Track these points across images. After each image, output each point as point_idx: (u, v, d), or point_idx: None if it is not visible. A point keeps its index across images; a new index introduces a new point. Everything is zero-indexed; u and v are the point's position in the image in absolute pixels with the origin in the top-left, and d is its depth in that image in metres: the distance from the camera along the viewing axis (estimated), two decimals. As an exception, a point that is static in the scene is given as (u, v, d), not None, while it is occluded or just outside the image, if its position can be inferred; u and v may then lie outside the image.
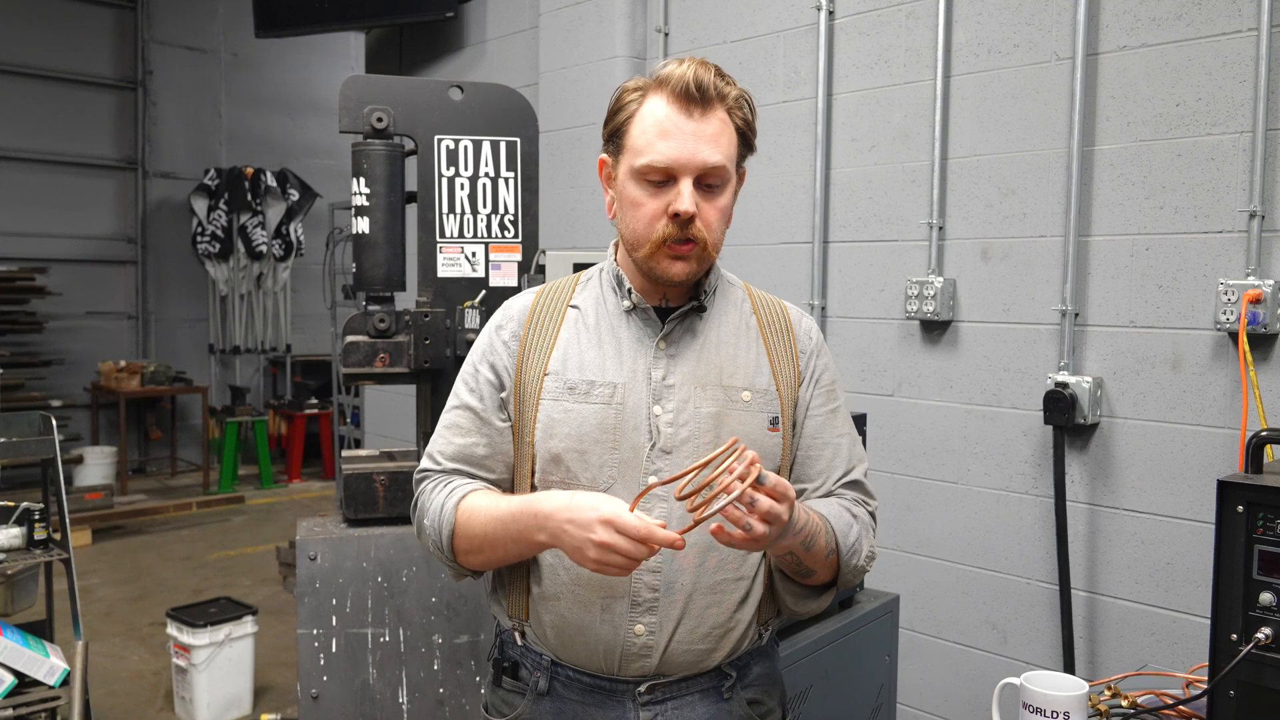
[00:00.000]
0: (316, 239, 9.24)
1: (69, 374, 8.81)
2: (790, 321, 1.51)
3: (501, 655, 1.50)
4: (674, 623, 1.37)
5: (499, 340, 1.47)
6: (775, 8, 3.63)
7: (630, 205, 1.37)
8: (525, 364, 1.43)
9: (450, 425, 1.48)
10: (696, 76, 1.31)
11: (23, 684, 2.98)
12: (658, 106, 1.34)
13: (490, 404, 1.45)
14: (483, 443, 1.45)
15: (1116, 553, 2.85)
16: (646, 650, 1.37)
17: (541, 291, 1.51)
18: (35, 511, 3.18)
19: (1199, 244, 2.68)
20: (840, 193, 3.47)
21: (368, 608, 2.58)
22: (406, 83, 2.98)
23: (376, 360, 2.67)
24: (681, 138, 1.31)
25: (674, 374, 1.40)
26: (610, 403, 1.38)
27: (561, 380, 1.40)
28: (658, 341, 1.41)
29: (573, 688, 1.42)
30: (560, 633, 1.40)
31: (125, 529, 7.16)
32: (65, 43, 9.01)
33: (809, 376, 1.49)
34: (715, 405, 1.39)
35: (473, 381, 1.47)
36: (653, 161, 1.32)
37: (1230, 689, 1.41)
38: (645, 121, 1.34)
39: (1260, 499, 1.38)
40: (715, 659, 1.42)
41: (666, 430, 1.37)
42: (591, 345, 1.42)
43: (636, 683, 1.39)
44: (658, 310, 1.44)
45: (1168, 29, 2.72)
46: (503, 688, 1.49)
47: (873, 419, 2.81)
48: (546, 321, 1.46)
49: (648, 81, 1.37)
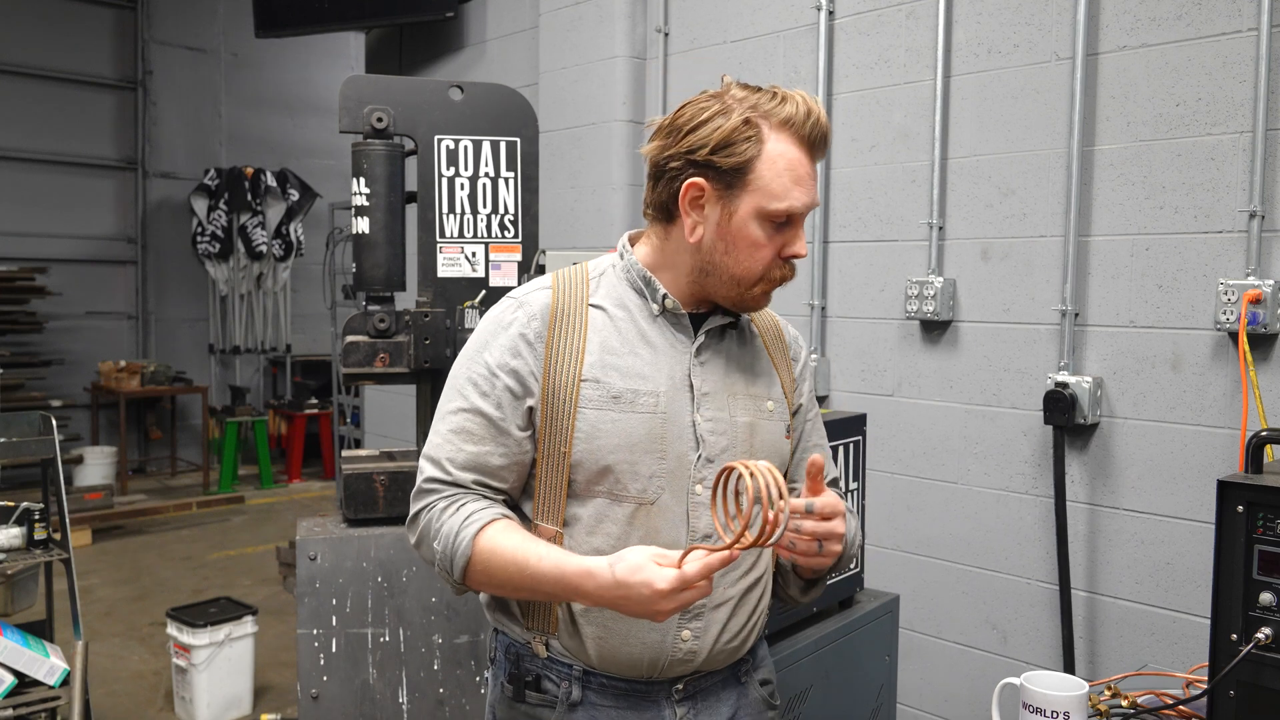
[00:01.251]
0: (316, 239, 9.24)
1: (69, 374, 8.81)
2: (781, 331, 1.56)
3: (519, 669, 1.43)
4: (720, 626, 1.40)
5: (521, 342, 1.37)
6: (775, 7, 3.62)
7: (750, 245, 1.35)
8: (554, 369, 1.36)
9: (459, 430, 1.37)
10: (822, 125, 1.34)
11: (23, 684, 2.98)
12: (789, 150, 1.32)
13: (510, 412, 1.36)
14: (498, 452, 1.36)
15: (1116, 553, 2.85)
16: (690, 655, 1.39)
17: (557, 289, 1.42)
18: (35, 511, 3.18)
19: (1199, 244, 2.68)
20: (840, 193, 3.47)
21: (368, 608, 2.58)
22: (406, 83, 2.98)
23: (376, 360, 2.68)
24: (809, 184, 1.35)
25: (708, 382, 1.41)
26: (655, 412, 1.36)
27: (604, 388, 1.35)
28: (695, 349, 1.41)
29: (606, 694, 1.40)
30: (603, 643, 1.37)
31: (125, 529, 7.16)
32: (65, 43, 9.02)
33: (803, 382, 1.55)
34: (748, 415, 1.42)
35: (487, 385, 1.37)
36: (791, 208, 1.33)
37: (1230, 689, 1.41)
38: (778, 165, 1.31)
39: (1260, 499, 1.38)
40: (743, 652, 1.47)
41: (710, 439, 1.38)
42: (626, 351, 1.38)
43: (673, 682, 1.41)
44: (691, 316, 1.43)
45: (1168, 29, 2.72)
46: (526, 702, 1.42)
47: (873, 419, 2.81)
48: (572, 322, 1.39)
49: (763, 113, 1.32)
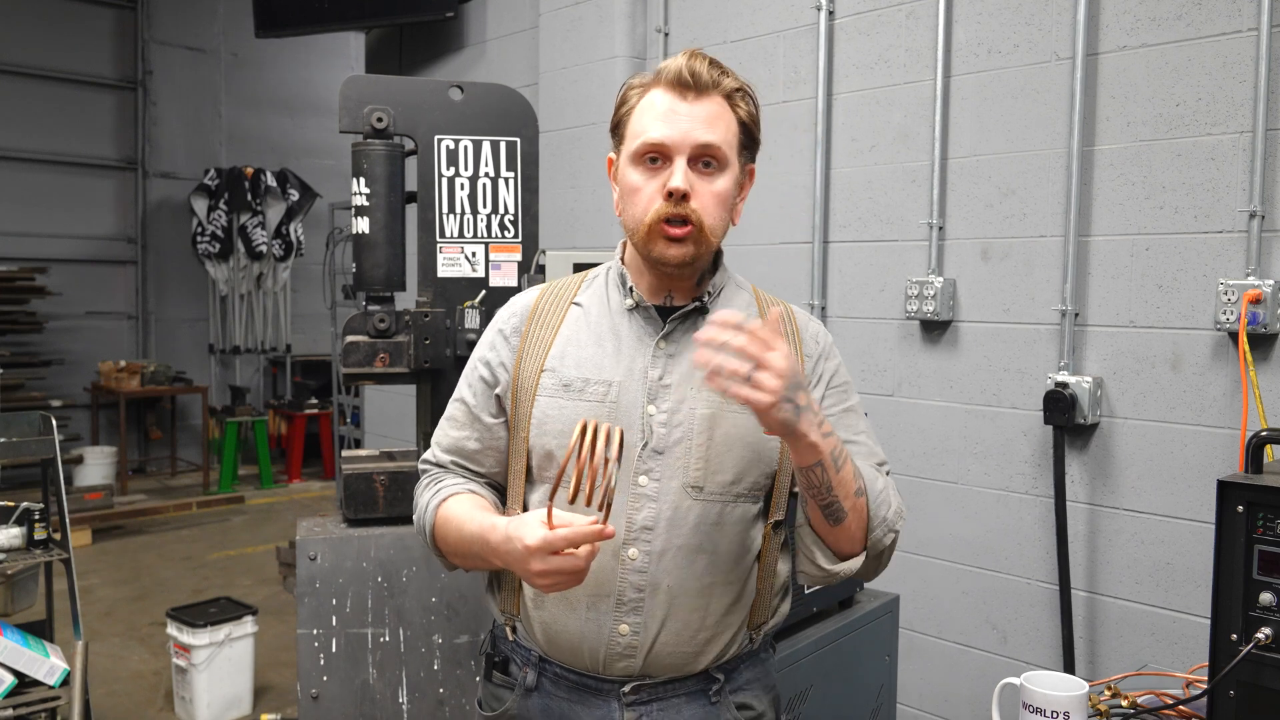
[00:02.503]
0: (316, 239, 9.24)
1: (69, 374, 8.81)
2: (797, 326, 1.48)
3: (493, 649, 1.52)
4: (659, 624, 1.36)
5: (500, 336, 1.48)
6: (775, 7, 3.63)
7: (629, 191, 1.37)
8: (524, 360, 1.44)
9: (449, 417, 1.52)
10: (690, 65, 1.34)
11: (23, 684, 2.98)
12: (656, 95, 1.37)
13: (481, 400, 1.48)
14: (474, 437, 1.48)
15: (1116, 553, 2.85)
16: (630, 650, 1.37)
17: (546, 289, 1.51)
18: (35, 511, 3.18)
19: (1199, 244, 2.68)
20: (840, 193, 3.47)
21: (368, 608, 2.58)
22: (406, 83, 2.98)
23: (376, 360, 2.67)
24: (676, 119, 1.33)
25: (671, 374, 1.38)
26: (604, 400, 1.37)
27: (558, 377, 1.40)
28: (658, 340, 1.40)
29: (560, 684, 1.42)
30: (547, 629, 1.41)
31: (125, 529, 7.16)
32: (65, 43, 9.01)
33: (816, 380, 1.45)
34: (710, 407, 1.37)
35: (470, 376, 1.50)
36: (648, 138, 1.34)
37: (1230, 689, 1.41)
38: (643, 109, 1.37)
39: (1260, 499, 1.38)
40: (702, 662, 1.40)
41: (660, 430, 1.36)
42: (591, 342, 1.42)
43: (621, 682, 1.39)
44: (660, 309, 1.43)
45: (1168, 29, 2.72)
46: (493, 682, 1.50)
47: (873, 419, 2.80)
48: (548, 318, 1.46)
49: (649, 77, 1.40)
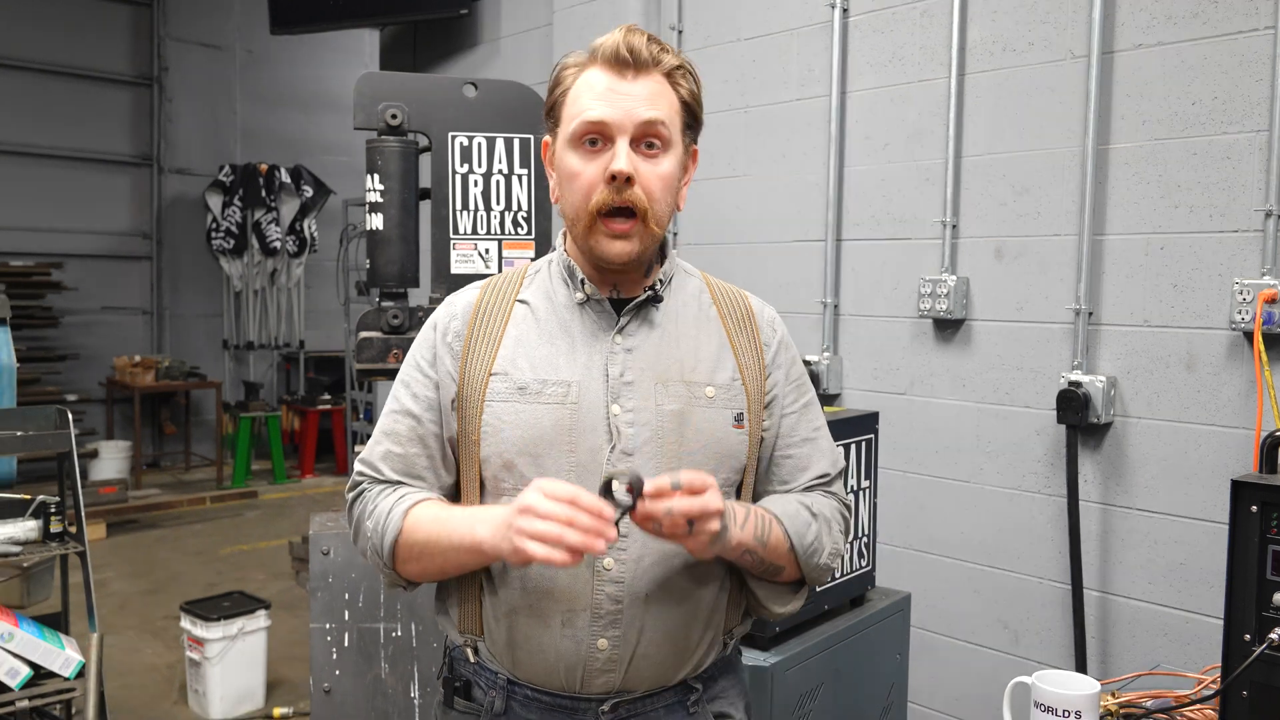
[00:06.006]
0: (330, 235, 9.28)
1: (84, 369, 8.87)
2: (752, 311, 1.43)
3: (452, 674, 1.40)
4: (638, 634, 1.29)
5: (441, 343, 1.38)
6: (789, 5, 3.62)
7: (568, 177, 1.29)
8: (469, 366, 1.34)
9: (390, 432, 1.38)
10: (628, 40, 1.27)
11: (39, 675, 3.00)
12: (592, 75, 1.29)
13: (428, 415, 1.36)
14: (423, 454, 1.37)
15: (1129, 553, 2.84)
16: (611, 665, 1.29)
17: (487, 286, 1.42)
18: (51, 504, 3.19)
19: (1214, 243, 2.66)
20: (853, 191, 3.46)
21: (380, 603, 2.59)
22: (420, 79, 2.98)
23: (390, 356, 2.68)
24: (615, 97, 1.26)
25: (632, 370, 1.31)
26: (564, 402, 1.29)
27: (510, 380, 1.31)
28: (614, 335, 1.32)
29: (531, 707, 1.33)
30: (517, 648, 1.31)
31: (139, 523, 7.21)
32: (82, 39, 9.07)
33: (776, 369, 1.41)
34: (678, 402, 1.31)
35: (412, 384, 1.38)
36: (586, 117, 1.26)
37: (1243, 690, 1.40)
38: (580, 90, 1.29)
39: (1274, 499, 1.38)
40: (681, 672, 1.35)
41: (627, 431, 1.28)
42: (542, 342, 1.33)
43: (600, 700, 1.31)
44: (612, 302, 1.35)
45: (1183, 27, 2.70)
46: (455, 709, 1.39)
47: (885, 418, 2.81)
48: (492, 318, 1.37)
49: (584, 55, 1.32)
